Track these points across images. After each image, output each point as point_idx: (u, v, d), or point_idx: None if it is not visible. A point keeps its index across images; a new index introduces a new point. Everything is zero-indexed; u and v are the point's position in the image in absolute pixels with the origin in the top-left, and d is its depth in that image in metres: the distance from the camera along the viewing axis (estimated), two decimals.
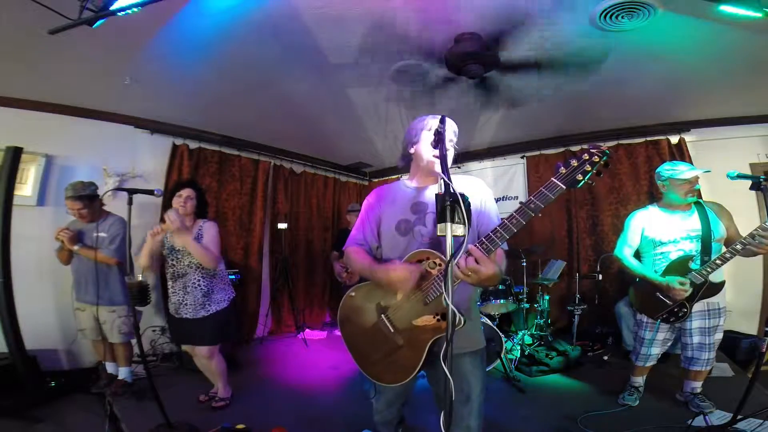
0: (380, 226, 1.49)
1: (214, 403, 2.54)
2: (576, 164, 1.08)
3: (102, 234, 2.64)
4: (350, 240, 1.55)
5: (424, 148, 1.45)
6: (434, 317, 1.26)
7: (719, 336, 2.21)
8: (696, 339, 2.20)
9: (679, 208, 2.25)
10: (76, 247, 2.56)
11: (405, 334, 1.33)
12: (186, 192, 2.46)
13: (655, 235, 2.25)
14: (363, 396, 2.02)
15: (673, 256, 2.18)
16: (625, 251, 2.36)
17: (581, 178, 1.07)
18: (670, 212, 2.27)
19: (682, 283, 2.05)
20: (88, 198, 2.58)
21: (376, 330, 1.40)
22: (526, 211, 1.09)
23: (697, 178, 2.18)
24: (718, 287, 2.11)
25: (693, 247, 2.15)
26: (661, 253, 2.24)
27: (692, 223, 2.18)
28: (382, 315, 1.38)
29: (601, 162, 1.06)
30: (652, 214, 2.32)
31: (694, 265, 2.09)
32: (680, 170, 2.19)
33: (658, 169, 2.32)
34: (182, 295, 2.38)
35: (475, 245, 1.12)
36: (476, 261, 1.09)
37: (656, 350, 2.34)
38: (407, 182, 1.56)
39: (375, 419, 1.73)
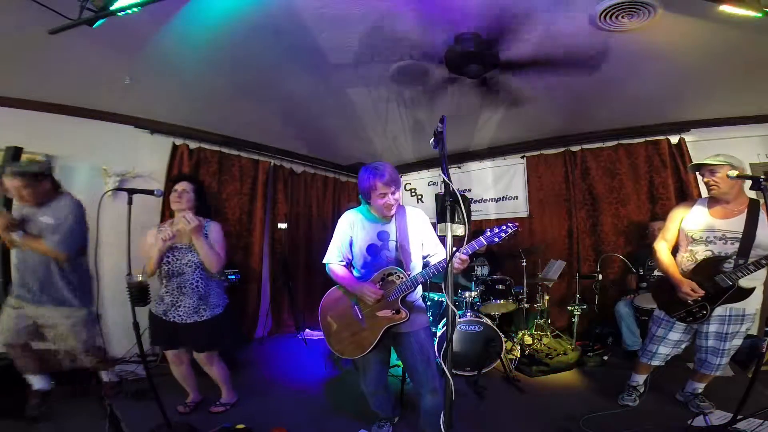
0: (352, 246, 1.99)
1: (213, 407, 2.48)
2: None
3: (47, 220, 2.15)
4: (330, 257, 2.01)
5: (375, 203, 1.88)
6: (391, 311, 1.83)
7: (737, 342, 2.12)
8: (710, 343, 2.13)
9: (725, 206, 2.09)
10: (14, 236, 2.07)
11: (369, 320, 1.89)
12: (181, 186, 2.34)
13: (688, 230, 2.17)
14: (385, 418, 2.26)
15: (701, 256, 2.09)
16: (662, 244, 2.28)
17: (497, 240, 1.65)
18: (712, 209, 2.14)
19: (693, 290, 2.00)
20: (32, 175, 2.12)
21: (348, 315, 1.95)
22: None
23: (711, 171, 2.06)
24: (746, 293, 2.00)
25: (726, 250, 2.02)
26: (691, 249, 2.15)
27: (734, 224, 2.03)
28: (355, 305, 1.93)
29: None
30: (693, 209, 2.21)
31: (726, 266, 2.00)
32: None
33: None
34: (176, 296, 2.26)
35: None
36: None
37: (665, 350, 2.25)
38: (372, 213, 1.99)
39: (371, 404, 2.15)
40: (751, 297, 2.01)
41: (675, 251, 2.29)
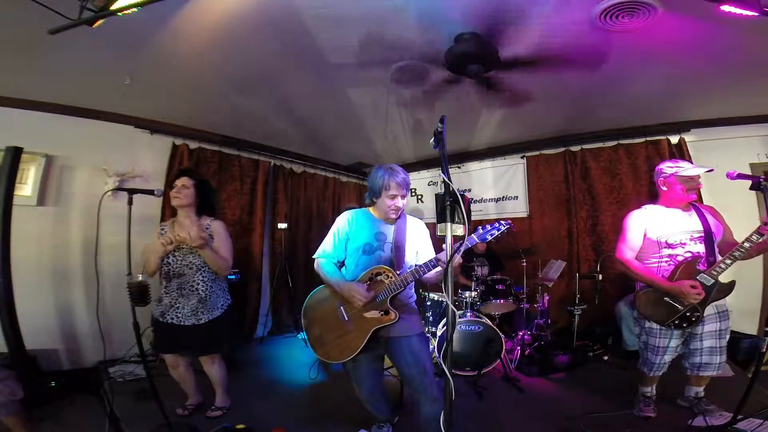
0: (347, 244, 1.94)
1: (210, 412, 2.42)
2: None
3: None
4: (321, 253, 1.96)
5: (382, 203, 1.87)
6: (379, 313, 1.77)
7: (727, 337, 2.13)
8: (707, 343, 2.10)
9: (680, 208, 2.16)
10: None
11: (356, 322, 1.81)
12: (181, 181, 2.27)
13: (660, 236, 2.12)
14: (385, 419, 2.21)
15: (681, 258, 2.08)
16: (628, 254, 2.20)
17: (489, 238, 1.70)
18: (673, 212, 2.16)
19: (693, 287, 1.95)
20: None
21: (333, 317, 1.87)
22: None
23: (699, 176, 2.12)
24: (729, 287, 2.02)
25: (699, 249, 2.05)
26: (669, 255, 2.11)
27: (695, 223, 2.10)
28: (341, 306, 1.86)
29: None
30: (654, 214, 2.19)
31: (700, 266, 2.01)
32: (685, 167, 2.13)
33: (659, 166, 2.24)
34: (176, 297, 2.20)
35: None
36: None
37: (668, 357, 2.19)
38: (372, 214, 1.98)
39: (369, 410, 2.09)
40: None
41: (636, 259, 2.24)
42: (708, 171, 2.10)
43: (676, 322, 2.07)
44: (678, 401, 2.42)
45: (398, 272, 1.79)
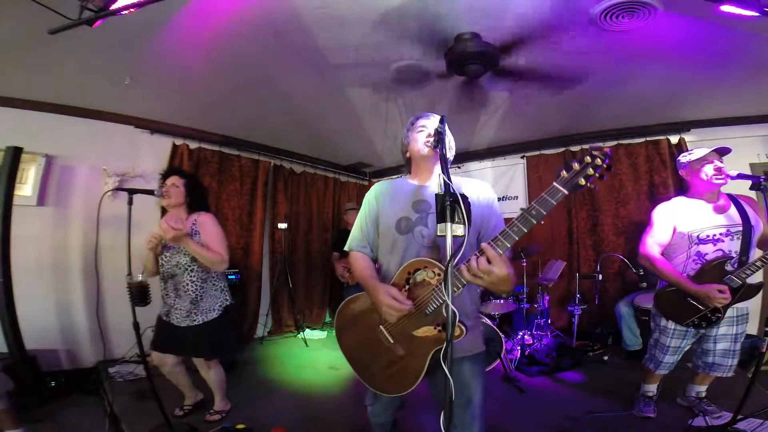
0: (379, 223, 1.43)
1: (208, 416, 2.37)
2: (578, 168, 1.07)
3: None
4: (351, 242, 1.50)
5: (414, 145, 1.43)
6: (435, 328, 1.23)
7: (743, 340, 2.06)
8: (720, 346, 2.04)
9: (712, 200, 2.01)
10: None
11: (405, 344, 1.29)
12: (171, 180, 2.22)
13: (692, 230, 1.99)
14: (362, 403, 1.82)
15: (711, 256, 1.95)
16: (654, 250, 2.08)
17: (583, 183, 1.05)
18: (704, 204, 2.02)
19: (721, 291, 1.83)
20: None
21: (374, 340, 1.35)
22: (527, 217, 1.09)
23: (720, 156, 1.97)
24: (755, 289, 1.90)
25: (732, 246, 1.92)
26: (697, 253, 1.99)
27: (732, 218, 1.95)
28: (380, 326, 1.34)
29: (604, 165, 1.04)
30: (686, 207, 2.05)
31: (730, 267, 1.90)
32: (696, 152, 2.03)
33: (677, 158, 2.16)
34: (174, 298, 2.17)
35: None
36: (488, 261, 1.06)
37: (677, 357, 2.12)
38: (409, 180, 1.50)
39: (371, 422, 1.71)
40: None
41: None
42: (719, 149, 1.98)
43: (695, 321, 2.00)
44: (678, 400, 2.42)
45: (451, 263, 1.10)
